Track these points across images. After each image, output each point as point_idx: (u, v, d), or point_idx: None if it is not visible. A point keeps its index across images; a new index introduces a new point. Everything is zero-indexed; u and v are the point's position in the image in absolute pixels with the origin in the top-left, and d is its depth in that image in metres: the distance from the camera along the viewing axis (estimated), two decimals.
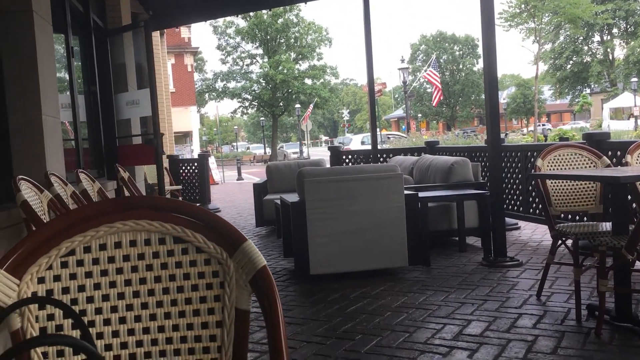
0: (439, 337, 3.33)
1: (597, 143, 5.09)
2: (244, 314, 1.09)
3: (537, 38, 40.54)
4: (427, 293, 4.29)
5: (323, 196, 4.76)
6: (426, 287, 4.46)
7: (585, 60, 46.63)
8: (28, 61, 3.61)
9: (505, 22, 40.63)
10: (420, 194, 5.31)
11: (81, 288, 1.05)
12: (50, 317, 1.03)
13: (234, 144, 69.20)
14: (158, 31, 11.40)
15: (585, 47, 46.94)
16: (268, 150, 52.54)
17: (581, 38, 45.79)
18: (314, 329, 3.61)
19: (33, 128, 3.63)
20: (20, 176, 2.94)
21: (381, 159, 9.20)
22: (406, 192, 5.00)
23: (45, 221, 2.81)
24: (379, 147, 10.13)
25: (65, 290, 1.05)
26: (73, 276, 1.05)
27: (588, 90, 49.14)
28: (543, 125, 28.25)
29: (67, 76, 5.28)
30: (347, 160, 9.85)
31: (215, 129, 63.49)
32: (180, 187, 10.32)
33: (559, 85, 48.14)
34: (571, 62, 46.73)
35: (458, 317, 3.67)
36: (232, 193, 15.64)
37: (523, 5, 39.77)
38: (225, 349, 1.08)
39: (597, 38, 47.49)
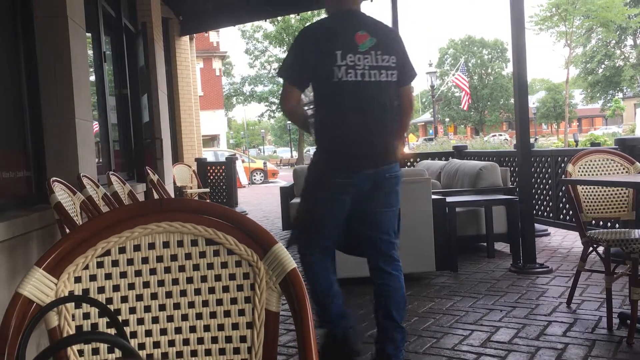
0: (466, 344, 3.31)
1: (630, 149, 5.00)
2: (274, 316, 1.10)
3: (568, 42, 39.98)
4: (455, 299, 4.26)
5: None
6: (454, 293, 4.43)
7: (617, 64, 45.78)
8: (63, 66, 3.69)
9: (536, 26, 40.14)
10: (448, 199, 5.28)
11: (116, 288, 1.08)
12: (86, 315, 1.06)
13: (261, 147, 69.62)
14: (187, 36, 11.52)
15: (618, 51, 46.10)
16: (295, 153, 52.72)
17: (613, 42, 44.98)
18: None
19: (67, 131, 3.71)
20: (54, 178, 3.01)
21: (408, 164, 9.16)
22: (434, 196, 4.97)
23: (77, 222, 2.87)
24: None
25: (101, 290, 1.07)
26: (108, 276, 1.08)
27: (620, 95, 48.24)
28: (573, 135, 27.92)
29: (99, 79, 5.38)
30: None
31: (242, 133, 63.95)
32: (208, 190, 10.42)
33: (590, 90, 47.34)
34: (603, 66, 45.93)
35: (486, 324, 3.64)
36: (259, 197, 15.73)
37: (554, 9, 39.24)
38: (255, 350, 1.09)
39: (630, 42, 46.61)
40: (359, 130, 2.71)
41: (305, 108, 2.93)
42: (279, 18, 40.06)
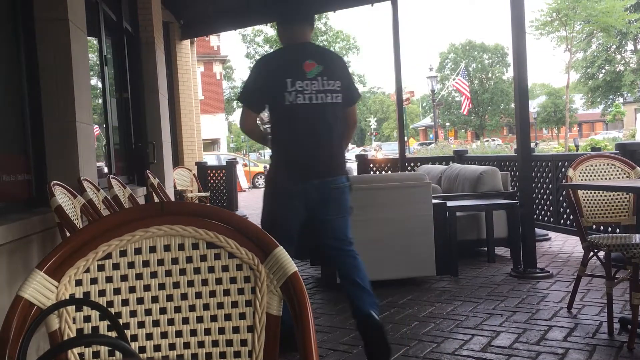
0: (467, 348, 3.30)
1: (631, 153, 5.00)
2: (275, 319, 1.10)
3: (569, 46, 40.01)
4: (455, 303, 4.26)
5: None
6: (454, 298, 4.42)
7: (618, 69, 45.80)
8: (63, 69, 3.69)
9: (536, 31, 40.16)
10: (449, 203, 5.28)
11: (117, 291, 1.08)
12: (87, 318, 1.06)
13: (262, 151, 69.61)
14: (188, 40, 11.54)
15: (618, 56, 46.12)
16: None
17: (614, 47, 45.00)
18: (340, 337, 3.61)
19: (67, 134, 3.71)
20: (54, 181, 3.01)
21: (409, 168, 9.17)
22: (434, 201, 4.97)
23: (78, 226, 2.87)
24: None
25: (102, 293, 1.07)
26: (109, 279, 1.08)
27: (621, 100, 48.24)
28: (574, 140, 28.01)
29: (99, 83, 5.39)
30: (374, 169, 9.83)
31: (242, 137, 63.97)
32: (208, 193, 10.42)
33: (591, 95, 47.34)
34: (603, 70, 45.94)
35: (487, 328, 3.63)
36: (259, 200, 15.72)
37: (554, 14, 39.29)
38: (256, 353, 1.09)
39: (630, 47, 46.64)
40: (308, 146, 3.14)
41: (265, 126, 3.36)
42: None
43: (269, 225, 3.21)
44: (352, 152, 47.09)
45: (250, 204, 14.52)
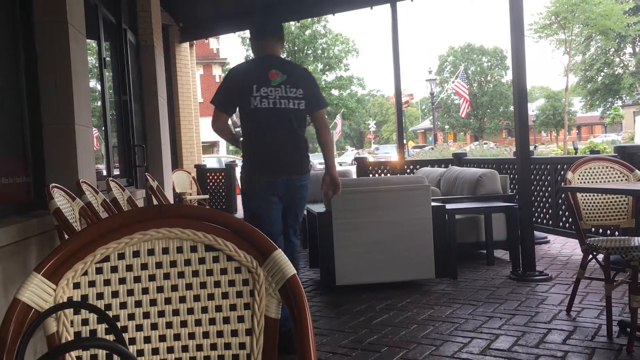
0: (466, 352, 3.30)
1: (630, 156, 5.00)
2: (273, 322, 1.10)
3: (568, 49, 40.06)
4: (454, 306, 4.25)
5: (350, 207, 4.76)
6: (453, 300, 4.42)
7: (616, 72, 45.84)
8: (62, 71, 3.69)
9: (535, 34, 40.23)
10: (448, 206, 5.28)
11: (115, 294, 1.07)
12: (85, 321, 1.05)
13: None
14: (187, 42, 11.55)
15: (617, 59, 46.18)
16: None
17: (613, 50, 45.06)
18: (339, 340, 3.60)
19: (66, 137, 3.71)
20: (53, 184, 3.01)
21: (408, 171, 9.17)
22: (433, 203, 4.97)
23: (76, 228, 2.87)
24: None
25: (100, 296, 1.07)
26: (107, 282, 1.07)
27: (620, 103, 48.29)
28: (572, 143, 28.11)
29: (99, 86, 5.39)
30: (373, 172, 9.84)
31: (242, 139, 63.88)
32: (207, 196, 10.41)
33: (590, 98, 47.38)
34: (602, 73, 45.98)
35: (486, 331, 3.63)
36: None
37: (553, 17, 39.36)
38: (255, 357, 1.09)
39: (629, 50, 46.70)
40: (273, 146, 3.48)
41: (237, 129, 3.74)
42: None
43: (255, 223, 3.28)
44: (346, 155, 47.10)
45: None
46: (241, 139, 3.63)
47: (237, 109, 3.58)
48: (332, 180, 3.67)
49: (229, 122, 3.69)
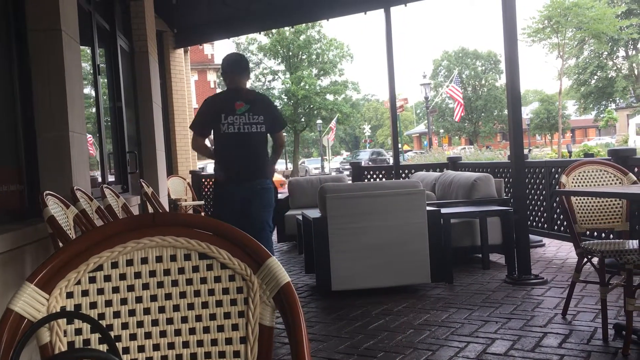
0: (462, 356, 3.29)
1: (623, 159, 5.02)
2: (268, 330, 1.10)
3: (561, 53, 40.21)
4: (450, 311, 4.25)
5: (345, 212, 4.76)
6: (449, 305, 4.42)
7: (610, 76, 46.04)
8: (56, 79, 3.69)
9: (528, 38, 40.36)
10: (443, 210, 5.28)
11: (108, 303, 1.07)
12: (78, 331, 1.05)
13: None
14: (182, 48, 11.55)
15: (610, 62, 46.38)
16: (290, 165, 52.73)
17: (606, 53, 45.26)
18: (335, 345, 3.60)
19: (61, 144, 3.70)
20: (47, 191, 2.99)
21: (403, 175, 9.18)
22: (428, 208, 4.98)
23: (70, 236, 2.86)
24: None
25: (93, 305, 1.06)
26: (100, 291, 1.07)
27: (613, 106, 48.48)
28: (566, 146, 28.25)
29: (93, 92, 5.38)
30: (368, 176, 9.85)
31: None
32: (202, 202, 10.39)
33: (584, 101, 47.57)
34: (596, 77, 46.18)
35: (482, 336, 3.63)
36: None
37: (546, 21, 39.52)
38: None
39: (622, 53, 46.92)
40: (239, 160, 4.34)
41: (213, 147, 4.57)
42: (273, 30, 40.20)
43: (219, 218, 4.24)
44: (335, 161, 47.06)
45: None
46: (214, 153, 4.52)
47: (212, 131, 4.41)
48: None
49: (206, 141, 4.65)
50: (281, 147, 4.64)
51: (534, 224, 6.78)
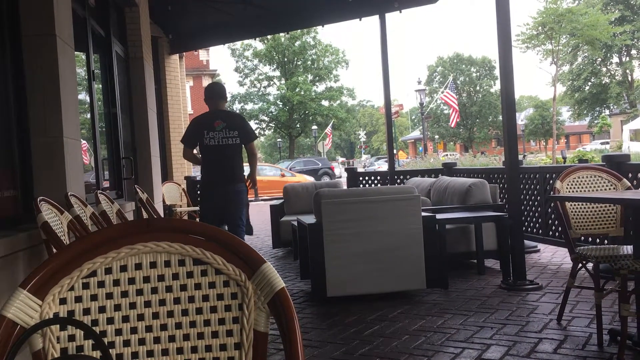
0: None
1: (617, 165, 5.04)
2: (263, 336, 1.09)
3: (555, 59, 40.42)
4: (446, 316, 4.25)
5: (340, 218, 4.76)
6: (444, 311, 4.41)
7: (604, 82, 46.31)
8: (51, 84, 3.68)
9: (523, 44, 40.58)
10: (438, 216, 5.29)
11: (102, 309, 1.06)
12: (71, 337, 1.04)
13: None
14: (177, 54, 11.55)
15: (604, 69, 46.65)
16: None
17: (599, 59, 45.53)
18: (331, 352, 3.59)
19: (54, 150, 3.68)
20: (41, 197, 2.98)
21: (398, 181, 9.19)
22: (424, 213, 4.98)
23: (64, 242, 2.84)
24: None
25: (86, 311, 1.06)
26: (94, 297, 1.06)
27: (607, 112, 48.73)
28: (561, 152, 28.41)
29: (87, 98, 5.37)
30: (363, 182, 9.85)
31: None
32: (197, 208, 10.36)
33: (578, 107, 47.80)
34: (589, 83, 46.44)
35: (477, 341, 3.62)
36: (249, 214, 15.65)
37: (540, 27, 39.73)
38: None
39: (615, 59, 47.21)
40: (218, 168, 5.33)
41: (199, 155, 5.56)
42: (269, 36, 40.29)
43: (203, 217, 5.49)
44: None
45: None
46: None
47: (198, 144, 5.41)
48: (253, 181, 5.52)
49: (195, 151, 5.63)
50: (253, 155, 5.51)
51: (529, 229, 6.79)
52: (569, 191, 3.89)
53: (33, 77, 3.65)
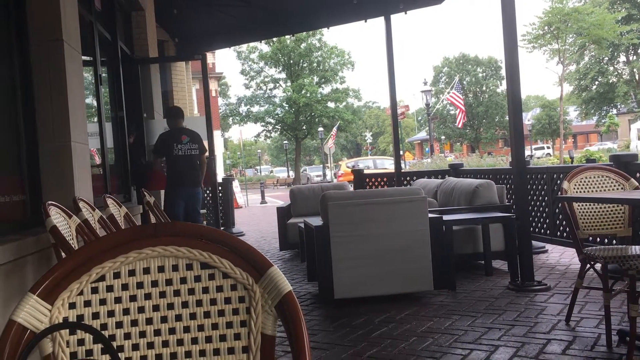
0: None
1: (625, 165, 5.01)
2: (270, 340, 1.10)
3: (562, 59, 40.27)
4: (453, 318, 4.24)
5: (347, 220, 4.76)
6: (452, 312, 4.41)
7: (611, 81, 46.07)
8: (58, 89, 3.70)
9: (529, 44, 40.44)
10: (445, 217, 5.28)
11: (111, 313, 1.07)
12: (81, 342, 1.05)
13: (258, 167, 69.70)
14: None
15: (611, 68, 46.42)
16: (291, 173, 52.75)
17: (606, 58, 45.31)
18: (338, 354, 3.59)
19: (62, 154, 3.71)
20: (49, 201, 3.00)
21: (405, 182, 9.18)
22: (430, 215, 4.97)
23: (73, 246, 2.86)
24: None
25: (95, 316, 1.07)
26: (103, 301, 1.07)
27: (615, 111, 48.48)
28: (568, 152, 28.34)
29: (95, 102, 5.40)
30: (370, 184, 9.84)
31: (239, 153, 64.02)
32: (204, 210, 10.39)
33: (585, 106, 47.58)
34: (597, 82, 46.21)
35: (485, 343, 3.62)
36: (256, 217, 15.70)
37: (546, 27, 39.60)
38: None
39: (622, 58, 46.97)
40: (183, 173, 6.57)
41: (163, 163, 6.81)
42: (274, 39, 40.35)
43: (170, 214, 6.43)
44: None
45: (247, 220, 14.49)
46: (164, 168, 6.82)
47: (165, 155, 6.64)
48: (205, 181, 7.05)
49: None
50: (204, 163, 6.85)
51: (537, 230, 6.77)
52: (577, 191, 3.88)
53: (41, 82, 3.68)
